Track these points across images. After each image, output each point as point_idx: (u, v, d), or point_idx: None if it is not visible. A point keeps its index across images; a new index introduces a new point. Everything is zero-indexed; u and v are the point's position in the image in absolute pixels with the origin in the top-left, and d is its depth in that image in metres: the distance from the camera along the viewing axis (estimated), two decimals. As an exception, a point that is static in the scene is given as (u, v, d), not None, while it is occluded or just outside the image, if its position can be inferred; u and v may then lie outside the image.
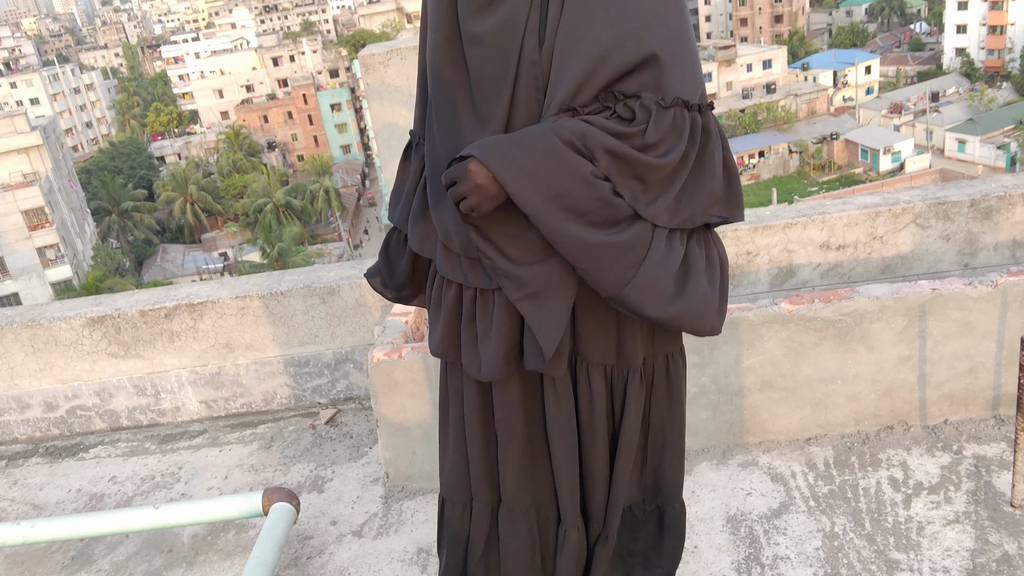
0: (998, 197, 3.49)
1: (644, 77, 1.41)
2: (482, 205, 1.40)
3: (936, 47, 68.98)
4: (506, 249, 1.49)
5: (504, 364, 1.59)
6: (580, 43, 1.39)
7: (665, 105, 1.40)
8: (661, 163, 1.42)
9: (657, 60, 1.40)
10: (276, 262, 39.86)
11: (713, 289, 1.56)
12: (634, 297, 1.47)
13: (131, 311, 3.70)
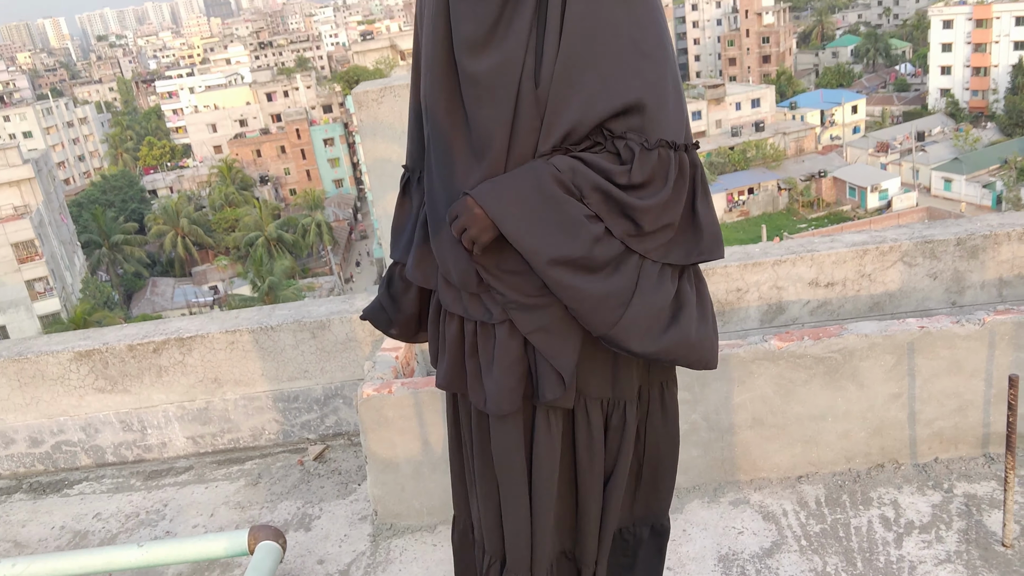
0: (984, 236, 3.53)
1: (630, 121, 1.46)
2: (481, 236, 1.46)
3: (921, 88, 70.17)
4: (512, 283, 1.53)
5: (509, 398, 1.58)
6: (573, 90, 1.45)
7: (649, 147, 1.45)
8: (646, 204, 1.45)
9: (643, 107, 1.45)
10: (267, 296, 39.74)
11: (706, 324, 1.60)
12: (622, 336, 1.51)
13: (119, 345, 3.68)
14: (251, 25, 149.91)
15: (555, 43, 1.44)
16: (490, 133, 1.48)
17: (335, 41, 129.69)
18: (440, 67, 1.52)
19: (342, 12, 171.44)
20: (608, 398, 1.67)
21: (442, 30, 1.52)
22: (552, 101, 1.45)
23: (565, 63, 1.44)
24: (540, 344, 1.54)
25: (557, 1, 1.44)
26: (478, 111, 1.49)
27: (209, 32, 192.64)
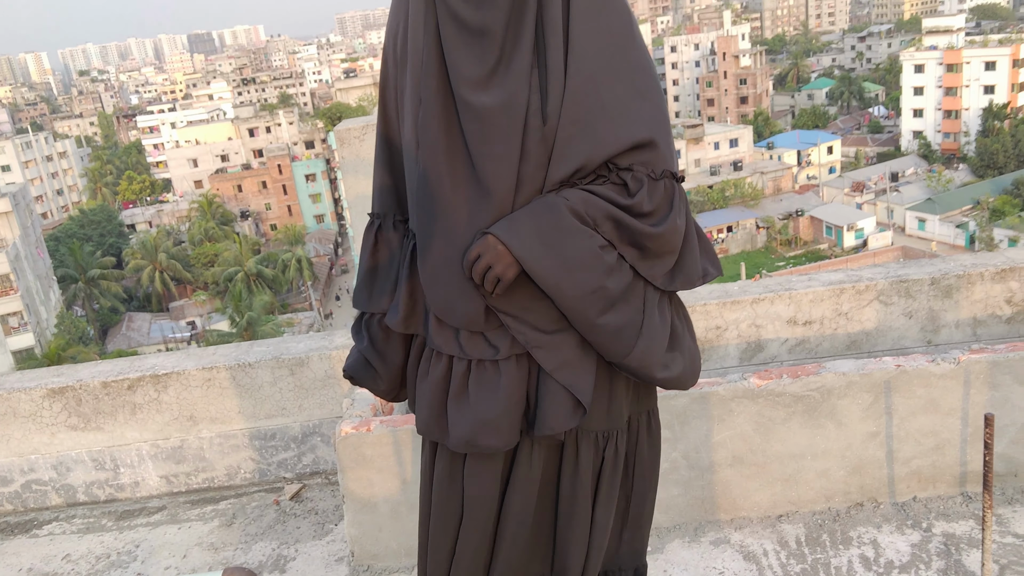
0: (957, 276, 3.59)
1: (638, 155, 1.52)
2: (506, 273, 1.47)
3: (894, 130, 71.63)
4: (530, 320, 1.55)
5: (512, 432, 1.58)
6: (582, 127, 1.48)
7: (656, 177, 1.52)
8: (656, 231, 1.52)
9: (651, 143, 1.52)
10: (245, 331, 39.38)
11: (696, 345, 1.69)
12: (637, 364, 1.57)
13: (93, 382, 3.62)
14: (234, 62, 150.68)
15: (559, 81, 1.47)
16: (497, 170, 1.48)
17: (318, 78, 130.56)
18: (438, 105, 1.50)
19: (325, 50, 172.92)
20: (603, 429, 1.67)
21: (436, 67, 1.50)
22: (561, 138, 1.48)
23: (573, 101, 1.47)
24: (562, 376, 1.56)
25: (558, 42, 1.47)
26: (484, 147, 1.48)
27: (192, 68, 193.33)
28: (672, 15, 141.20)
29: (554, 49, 1.47)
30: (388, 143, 1.68)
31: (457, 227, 1.52)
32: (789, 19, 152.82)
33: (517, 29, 1.47)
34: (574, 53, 1.47)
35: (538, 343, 1.55)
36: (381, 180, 1.70)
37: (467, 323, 1.56)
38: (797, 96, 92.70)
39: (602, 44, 1.50)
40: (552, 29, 1.47)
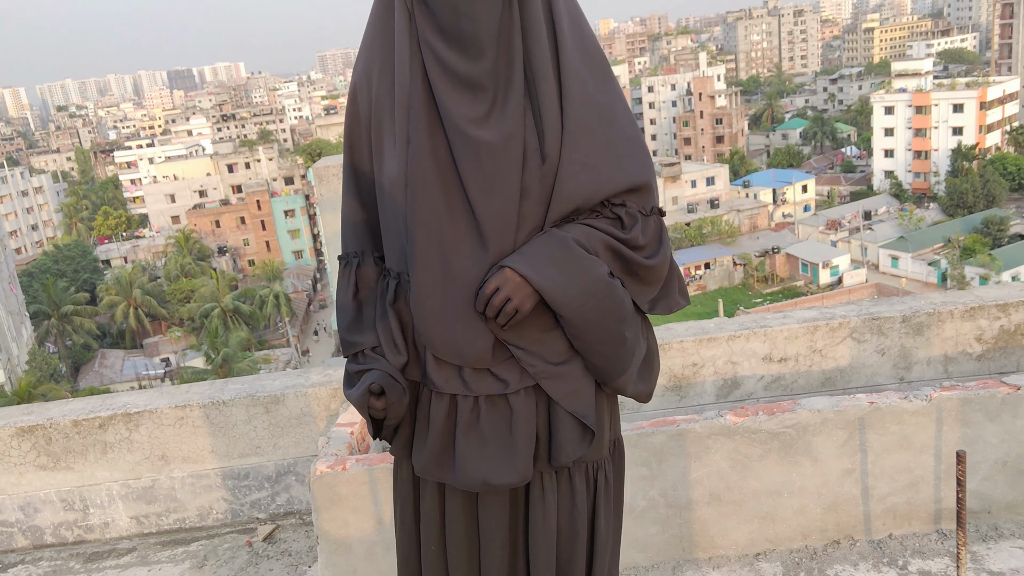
0: (928, 313, 3.64)
1: (631, 195, 1.60)
2: (524, 304, 1.51)
3: (866, 169, 72.98)
4: (540, 352, 1.58)
5: (527, 466, 1.59)
6: (582, 168, 1.54)
7: (647, 214, 1.61)
8: (651, 263, 1.62)
9: (645, 185, 1.61)
10: (220, 368, 38.90)
11: (658, 363, 1.78)
12: (622, 382, 1.65)
13: (64, 421, 3.56)
14: (214, 98, 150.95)
15: (555, 122, 1.52)
16: (498, 208, 1.50)
17: (299, 115, 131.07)
18: (429, 145, 1.51)
19: (306, 87, 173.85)
20: (594, 459, 1.68)
21: (426, 109, 1.52)
22: (561, 178, 1.54)
23: (571, 141, 1.53)
24: (571, 405, 1.60)
25: (550, 87, 1.51)
26: (483, 185, 1.50)
27: (172, 104, 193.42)
28: (649, 56, 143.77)
29: (546, 94, 1.51)
30: (359, 179, 1.67)
31: (459, 266, 1.53)
32: (763, 61, 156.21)
33: (508, 75, 1.51)
34: (568, 97, 1.53)
35: (548, 374, 1.58)
36: (355, 217, 1.69)
37: (476, 360, 1.57)
38: (772, 136, 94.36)
39: (591, 89, 1.56)
40: (542, 75, 1.51)
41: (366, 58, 1.63)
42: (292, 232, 68.08)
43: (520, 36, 1.51)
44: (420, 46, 1.53)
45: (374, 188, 1.65)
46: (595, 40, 1.62)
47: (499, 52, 1.50)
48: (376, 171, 1.63)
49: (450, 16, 1.49)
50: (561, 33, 1.54)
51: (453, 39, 1.50)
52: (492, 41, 1.49)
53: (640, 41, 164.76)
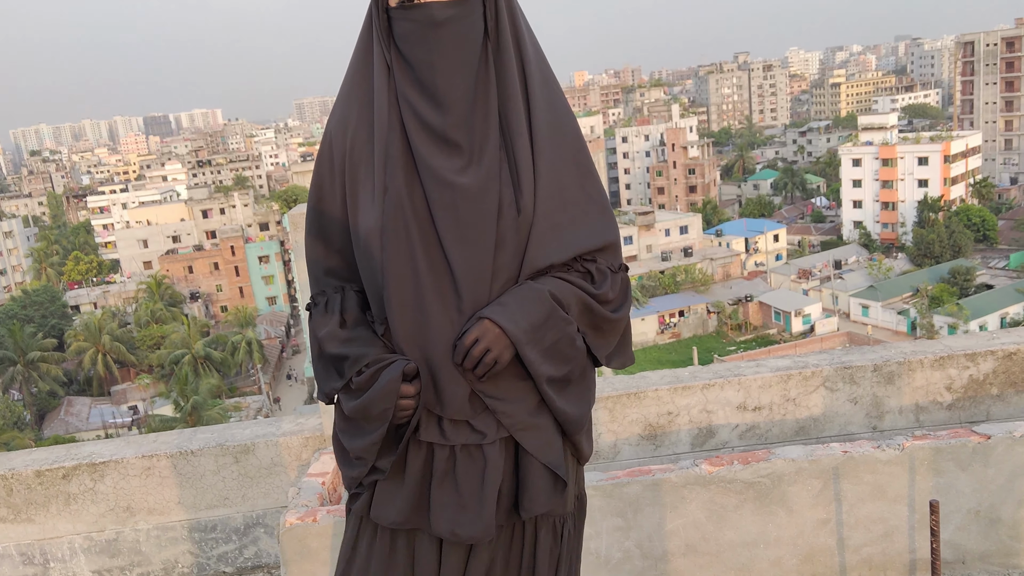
0: (898, 363, 3.68)
1: (600, 253, 1.66)
2: (503, 355, 1.52)
3: (836, 219, 74.38)
4: (515, 404, 1.59)
5: (493, 521, 1.57)
6: (556, 226, 1.59)
7: (615, 270, 1.67)
8: (616, 317, 1.67)
9: (613, 244, 1.68)
10: (190, 416, 38.18)
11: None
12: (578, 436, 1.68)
13: (26, 471, 3.47)
14: (190, 144, 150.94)
15: (529, 177, 1.55)
16: (473, 257, 1.52)
17: (275, 161, 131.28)
18: (406, 196, 1.53)
19: (283, 134, 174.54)
20: (560, 514, 1.67)
21: (403, 160, 1.54)
22: (536, 233, 1.57)
23: (545, 197, 1.57)
24: (544, 456, 1.60)
25: (524, 143, 1.55)
26: (460, 233, 1.52)
27: (147, 150, 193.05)
28: (623, 107, 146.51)
29: (521, 149, 1.56)
30: (326, 223, 1.66)
31: (434, 317, 1.54)
32: (734, 114, 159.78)
33: (483, 130, 1.54)
34: (540, 155, 1.57)
35: (523, 425, 1.59)
36: (323, 261, 1.68)
37: (454, 411, 1.56)
38: (743, 186, 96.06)
39: (562, 148, 1.61)
40: (517, 132, 1.56)
41: (343, 107, 1.65)
42: (266, 278, 67.68)
43: (495, 92, 1.55)
44: (398, 100, 1.56)
45: (343, 233, 1.65)
46: (564, 99, 1.68)
47: (475, 108, 1.54)
48: (351, 220, 1.63)
49: (428, 72, 1.53)
50: (533, 92, 1.59)
51: (430, 95, 1.53)
52: (468, 97, 1.53)
53: (614, 93, 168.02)
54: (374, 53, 1.59)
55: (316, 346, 1.66)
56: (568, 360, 1.61)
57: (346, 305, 1.66)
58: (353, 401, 1.58)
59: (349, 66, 1.65)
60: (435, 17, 1.51)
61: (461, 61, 1.53)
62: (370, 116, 1.59)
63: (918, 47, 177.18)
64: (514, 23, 1.60)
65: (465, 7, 1.53)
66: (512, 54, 1.57)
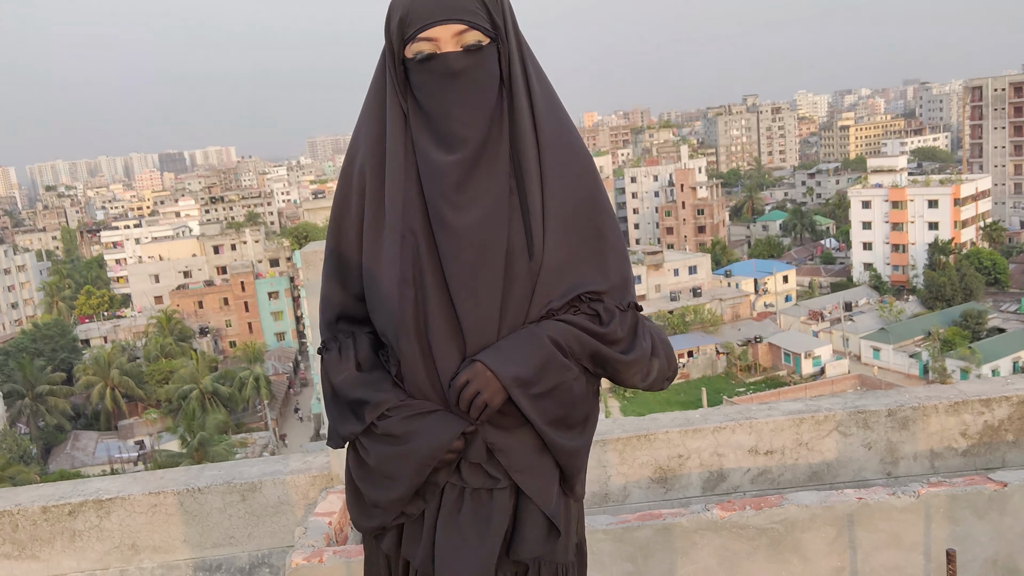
0: (913, 408, 3.64)
1: (607, 293, 1.64)
2: (493, 400, 1.52)
3: (846, 261, 74.24)
4: (514, 448, 1.58)
5: (492, 564, 1.57)
6: (566, 266, 1.59)
7: (624, 309, 1.64)
8: (627, 359, 1.63)
9: (623, 284, 1.66)
10: (196, 452, 38.03)
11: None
12: (574, 481, 1.66)
13: (32, 507, 3.45)
14: (204, 180, 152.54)
15: (539, 221, 1.56)
16: (481, 300, 1.53)
17: (287, 198, 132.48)
18: (421, 240, 1.55)
19: (295, 171, 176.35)
20: (563, 562, 1.65)
21: (418, 207, 1.56)
22: (544, 276, 1.56)
23: (554, 240, 1.57)
24: (540, 500, 1.59)
25: (535, 187, 1.56)
26: (467, 282, 1.53)
27: (161, 186, 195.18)
28: (632, 148, 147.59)
29: (533, 195, 1.56)
30: (344, 264, 1.67)
31: (441, 363, 1.55)
32: (742, 155, 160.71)
33: (492, 175, 1.55)
34: (551, 196, 1.57)
35: (520, 467, 1.58)
36: (339, 300, 1.68)
37: (471, 455, 1.57)
38: (752, 227, 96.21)
39: (574, 187, 1.61)
40: (530, 176, 1.57)
41: (358, 150, 1.65)
42: (275, 314, 67.87)
43: (507, 137, 1.57)
44: (414, 147, 1.57)
45: (359, 274, 1.65)
46: (579, 140, 1.67)
47: (485, 152, 1.55)
48: (366, 264, 1.63)
49: (444, 120, 1.54)
50: (544, 135, 1.59)
51: (445, 142, 1.55)
52: (480, 141, 1.55)
53: (623, 133, 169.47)
54: (387, 101, 1.60)
55: (330, 390, 1.66)
56: (566, 405, 1.58)
57: (359, 348, 1.66)
58: (381, 447, 1.58)
59: (362, 111, 1.66)
60: (452, 67, 1.53)
61: (477, 108, 1.54)
62: (384, 160, 1.60)
63: (926, 91, 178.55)
64: (526, 68, 1.61)
65: (481, 56, 1.54)
66: (524, 99, 1.59)
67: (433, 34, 1.51)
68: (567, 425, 1.60)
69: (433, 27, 1.51)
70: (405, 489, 1.57)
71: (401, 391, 1.60)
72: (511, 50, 1.58)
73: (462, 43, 1.52)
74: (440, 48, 1.53)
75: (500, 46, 1.56)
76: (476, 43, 1.53)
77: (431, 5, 1.50)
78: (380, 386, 1.60)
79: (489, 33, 1.54)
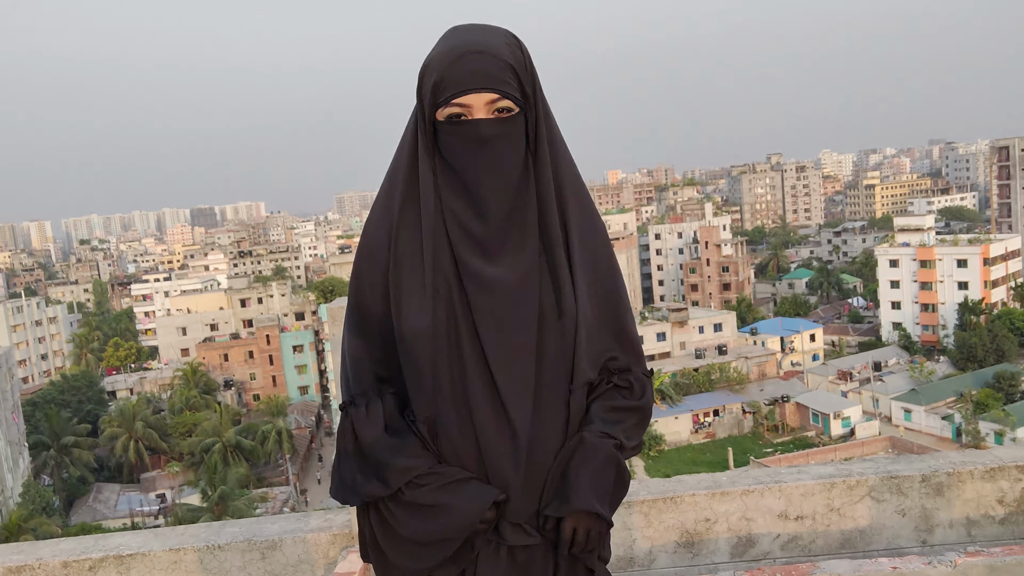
0: (947, 473, 3.54)
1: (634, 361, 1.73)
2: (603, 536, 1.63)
3: (874, 320, 73.31)
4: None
5: None
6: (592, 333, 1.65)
7: (648, 375, 1.75)
8: (648, 420, 1.75)
9: (640, 348, 1.76)
10: (216, 506, 37.84)
11: None
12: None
13: (53, 561, 3.44)
14: (233, 235, 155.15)
15: (567, 280, 1.61)
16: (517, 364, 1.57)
17: (313, 253, 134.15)
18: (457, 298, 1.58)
19: (323, 227, 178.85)
20: None
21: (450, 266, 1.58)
22: (579, 344, 1.61)
23: (582, 301, 1.62)
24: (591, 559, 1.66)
25: (561, 253, 1.61)
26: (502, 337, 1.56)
27: (192, 240, 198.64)
28: (656, 205, 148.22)
29: (559, 258, 1.62)
30: (366, 320, 1.67)
31: (483, 423, 1.57)
32: (767, 213, 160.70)
33: (522, 238, 1.59)
34: (576, 259, 1.63)
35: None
36: (363, 356, 1.68)
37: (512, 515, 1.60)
38: (778, 284, 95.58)
39: (595, 250, 1.68)
40: (556, 241, 1.62)
41: (384, 207, 1.67)
42: (299, 367, 68.08)
43: (535, 201, 1.61)
44: (443, 207, 1.60)
45: (382, 329, 1.66)
46: (592, 202, 1.74)
47: (513, 216, 1.59)
48: (395, 319, 1.63)
49: (472, 184, 1.58)
50: (567, 199, 1.65)
51: (474, 205, 1.58)
52: (508, 206, 1.59)
53: (647, 191, 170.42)
54: (419, 159, 1.63)
55: (355, 448, 1.64)
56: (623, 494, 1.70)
57: (385, 406, 1.65)
58: (410, 517, 1.57)
59: (391, 167, 1.68)
60: (482, 133, 1.56)
61: (505, 173, 1.58)
62: (413, 218, 1.62)
63: (952, 151, 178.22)
64: (551, 134, 1.67)
65: (510, 123, 1.58)
66: (548, 164, 1.64)
67: (467, 100, 1.55)
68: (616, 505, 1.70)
69: (468, 94, 1.54)
70: (435, 560, 1.57)
71: (431, 457, 1.59)
72: (538, 117, 1.63)
73: (493, 110, 1.57)
74: (472, 114, 1.56)
75: (528, 113, 1.61)
76: (507, 110, 1.57)
77: (466, 73, 1.54)
78: (410, 451, 1.59)
79: (519, 102, 1.58)
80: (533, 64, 1.63)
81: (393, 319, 1.63)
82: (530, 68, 1.61)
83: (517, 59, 1.58)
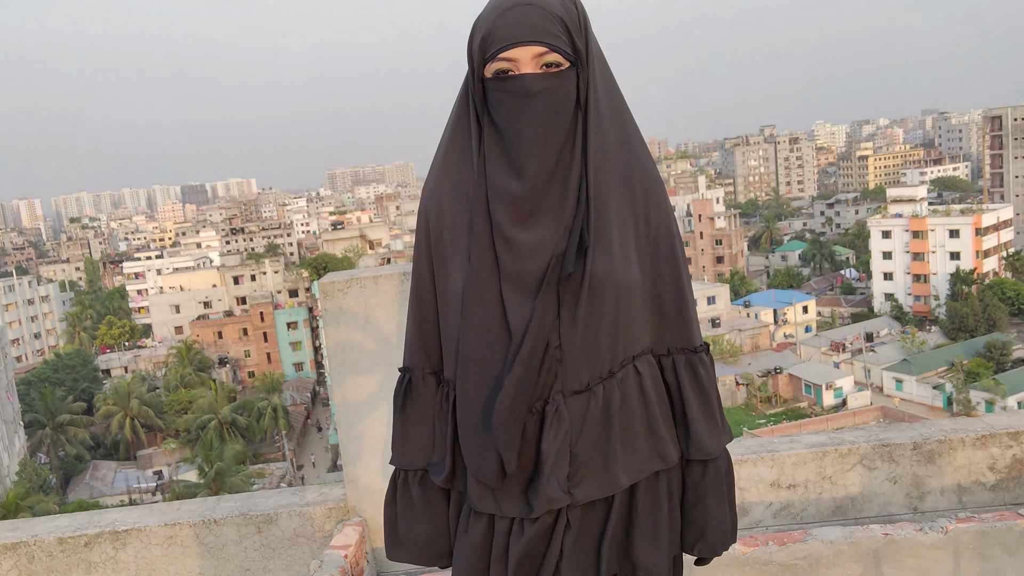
0: (939, 441, 3.56)
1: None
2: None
3: (866, 291, 73.61)
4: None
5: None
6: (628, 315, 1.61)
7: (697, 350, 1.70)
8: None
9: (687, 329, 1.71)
10: (213, 482, 38.03)
11: None
12: None
13: (49, 538, 3.44)
14: (225, 212, 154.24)
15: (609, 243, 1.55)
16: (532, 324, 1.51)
17: (306, 229, 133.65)
18: (488, 262, 1.54)
19: (315, 203, 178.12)
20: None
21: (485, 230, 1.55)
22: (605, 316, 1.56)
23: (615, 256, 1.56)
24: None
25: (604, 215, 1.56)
26: (520, 299, 1.52)
27: (183, 218, 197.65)
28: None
29: (602, 235, 1.55)
30: (421, 291, 1.69)
31: (487, 381, 1.54)
32: (760, 185, 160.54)
33: (559, 201, 1.53)
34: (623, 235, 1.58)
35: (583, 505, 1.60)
36: (415, 327, 1.69)
37: (490, 479, 1.54)
38: (771, 257, 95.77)
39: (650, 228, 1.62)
40: (601, 204, 1.55)
41: (437, 175, 1.65)
42: (294, 344, 68.15)
43: (580, 163, 1.54)
44: (485, 168, 1.55)
45: (434, 300, 1.67)
46: (650, 160, 1.64)
47: (554, 178, 1.53)
48: (439, 287, 1.64)
49: (515, 142, 1.51)
50: (611, 160, 1.56)
51: (513, 164, 1.52)
52: (549, 167, 1.52)
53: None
54: (469, 121, 1.59)
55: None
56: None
57: (412, 387, 1.70)
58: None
59: (444, 134, 1.65)
60: (528, 88, 1.50)
61: (548, 132, 1.51)
62: (462, 183, 1.59)
63: (945, 121, 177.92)
64: (610, 96, 1.59)
65: (559, 79, 1.51)
66: (602, 127, 1.56)
67: (513, 54, 1.49)
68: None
69: (514, 48, 1.48)
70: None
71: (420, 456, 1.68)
72: (590, 74, 1.55)
73: (541, 64, 1.50)
74: (519, 69, 1.50)
75: (579, 70, 1.53)
76: (556, 64, 1.51)
77: (513, 26, 1.48)
78: (404, 447, 1.70)
79: (569, 57, 1.50)
80: (588, 19, 1.56)
81: (437, 286, 1.64)
82: (584, 23, 1.53)
83: (569, 12, 1.51)
